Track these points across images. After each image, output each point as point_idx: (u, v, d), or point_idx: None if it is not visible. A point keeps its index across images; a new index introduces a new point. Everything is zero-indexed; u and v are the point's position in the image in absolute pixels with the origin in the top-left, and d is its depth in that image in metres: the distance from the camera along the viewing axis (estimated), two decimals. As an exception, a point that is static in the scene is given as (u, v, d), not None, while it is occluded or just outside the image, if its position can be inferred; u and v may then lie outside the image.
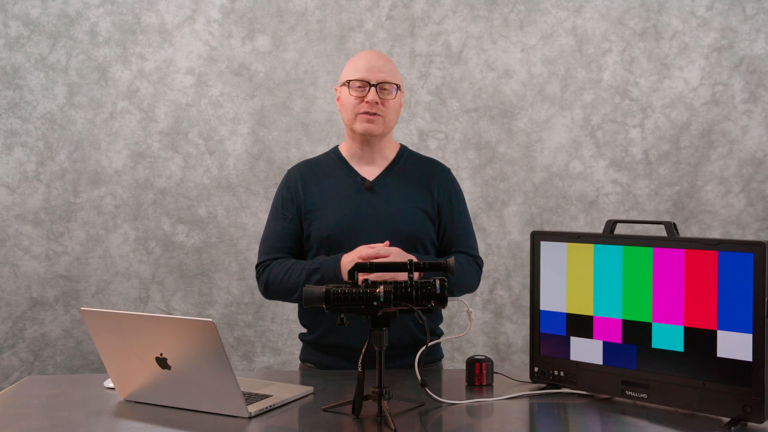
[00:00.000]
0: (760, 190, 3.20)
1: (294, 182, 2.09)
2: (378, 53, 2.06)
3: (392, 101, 2.02)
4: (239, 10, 3.15)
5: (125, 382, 1.69)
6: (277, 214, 2.08)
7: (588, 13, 3.19)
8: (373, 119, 2.00)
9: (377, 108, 1.99)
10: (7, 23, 3.09)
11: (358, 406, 1.56)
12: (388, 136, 2.10)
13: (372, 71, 2.00)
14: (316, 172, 2.10)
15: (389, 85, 2.00)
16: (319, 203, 2.03)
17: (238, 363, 3.19)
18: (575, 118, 3.21)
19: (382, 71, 2.00)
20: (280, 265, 2.00)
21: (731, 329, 1.53)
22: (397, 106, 2.06)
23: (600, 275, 1.71)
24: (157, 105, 3.15)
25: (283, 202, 2.08)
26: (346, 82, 2.02)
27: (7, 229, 3.11)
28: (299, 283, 1.93)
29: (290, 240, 2.05)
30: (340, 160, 2.10)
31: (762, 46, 3.18)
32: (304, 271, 1.94)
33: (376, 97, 1.99)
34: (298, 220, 2.05)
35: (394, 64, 2.06)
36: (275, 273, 2.00)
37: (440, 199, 2.07)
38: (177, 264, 3.17)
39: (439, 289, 1.55)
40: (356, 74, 2.00)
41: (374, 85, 1.99)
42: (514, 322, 3.24)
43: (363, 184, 2.04)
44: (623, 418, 1.59)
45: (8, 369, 3.12)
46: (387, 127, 2.04)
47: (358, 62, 2.03)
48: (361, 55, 2.05)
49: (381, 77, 2.00)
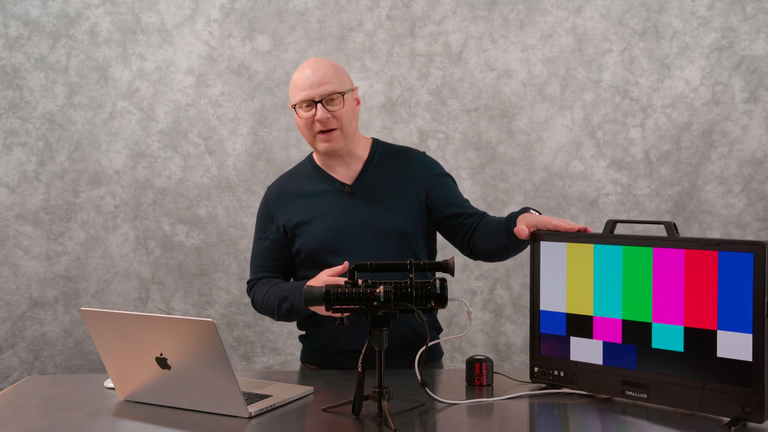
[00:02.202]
0: (760, 190, 3.20)
1: (273, 201, 2.07)
2: (315, 62, 1.97)
3: (342, 110, 1.95)
4: (239, 10, 3.15)
5: (125, 382, 1.69)
6: (260, 234, 2.09)
7: (588, 13, 3.19)
8: (331, 136, 1.95)
9: (330, 123, 1.94)
10: (7, 23, 3.09)
11: (358, 406, 1.56)
12: (356, 136, 2.05)
13: (312, 87, 1.92)
14: (293, 185, 2.07)
15: (335, 94, 1.93)
16: (303, 217, 2.01)
17: (238, 363, 3.19)
18: (575, 118, 3.21)
19: (322, 83, 1.92)
20: (262, 287, 2.02)
21: (731, 329, 1.53)
22: (350, 111, 1.97)
23: (600, 275, 1.71)
24: (157, 105, 3.15)
25: (264, 222, 2.08)
26: (293, 107, 1.97)
27: (7, 229, 3.11)
28: (275, 308, 1.97)
29: (274, 258, 2.06)
30: (316, 169, 2.07)
31: (762, 46, 3.18)
32: (277, 298, 1.96)
33: (325, 113, 1.92)
34: (279, 239, 2.04)
35: (335, 68, 1.97)
36: (258, 296, 2.03)
37: (426, 185, 2.04)
38: (177, 264, 3.17)
39: (439, 289, 1.55)
40: (299, 96, 1.94)
41: (319, 102, 1.92)
42: (514, 322, 3.24)
43: (343, 190, 2.02)
44: (623, 418, 1.59)
45: (8, 369, 3.12)
46: (347, 135, 1.98)
47: (298, 81, 1.95)
48: (299, 72, 1.97)
49: (322, 91, 1.92)
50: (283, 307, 1.94)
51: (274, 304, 1.96)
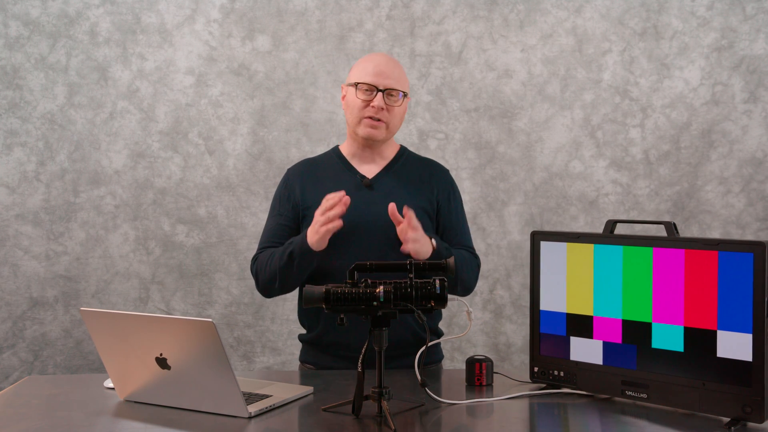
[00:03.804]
0: (760, 190, 3.20)
1: (292, 181, 2.11)
2: (388, 58, 2.05)
3: (398, 108, 2.02)
4: (239, 10, 3.15)
5: (125, 382, 1.69)
6: (274, 211, 2.11)
7: (588, 13, 3.19)
8: (377, 125, 2.00)
9: (382, 114, 1.99)
10: (7, 23, 3.09)
11: (358, 406, 1.56)
12: (390, 138, 2.11)
13: (381, 76, 1.99)
14: (315, 170, 2.11)
15: (396, 91, 2.00)
16: (318, 200, 2.03)
17: (238, 363, 3.19)
18: (575, 118, 3.21)
19: (391, 77, 2.00)
20: (266, 254, 2.03)
21: (731, 329, 1.53)
22: (402, 112, 2.05)
23: (600, 275, 1.71)
24: (157, 105, 3.15)
25: (280, 200, 2.11)
26: (354, 84, 2.01)
27: (7, 229, 3.11)
28: (278, 263, 1.95)
29: (283, 236, 2.06)
30: (340, 159, 2.11)
31: (762, 46, 3.18)
32: (279, 251, 1.96)
33: (382, 102, 1.98)
34: (293, 218, 2.07)
35: (403, 71, 2.06)
36: (261, 261, 2.02)
37: (439, 197, 2.08)
38: (177, 264, 3.17)
39: (439, 289, 1.55)
40: (365, 77, 2.00)
41: (381, 91, 1.98)
42: (514, 322, 3.24)
43: (362, 182, 2.05)
44: (623, 418, 1.59)
45: (8, 369, 3.12)
46: (390, 133, 2.05)
47: (368, 65, 2.01)
48: (371, 58, 2.04)
49: (389, 83, 1.99)
50: (285, 252, 1.93)
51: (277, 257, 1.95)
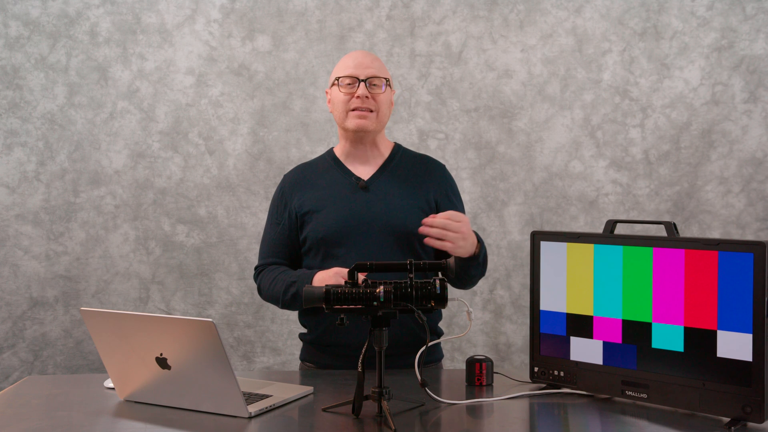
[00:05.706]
0: (760, 190, 3.20)
1: (288, 188, 2.11)
2: (365, 51, 2.09)
3: (382, 96, 2.03)
4: (239, 10, 3.15)
5: (125, 382, 1.69)
6: (272, 219, 2.12)
7: (588, 13, 3.19)
8: (366, 115, 2.01)
9: (368, 103, 2.01)
10: (7, 23, 3.09)
11: (358, 406, 1.56)
12: (382, 134, 2.11)
13: (360, 67, 2.02)
14: (310, 175, 2.12)
15: (378, 79, 2.02)
16: (314, 206, 2.05)
17: (238, 363, 3.19)
18: (575, 118, 3.21)
19: (371, 66, 2.02)
20: (270, 273, 2.05)
21: (731, 329, 1.53)
22: (387, 101, 2.06)
23: (600, 275, 1.71)
24: (157, 105, 3.15)
25: (276, 208, 2.12)
26: (336, 80, 2.04)
27: (7, 229, 3.11)
28: (280, 293, 1.99)
29: (283, 245, 2.08)
30: (335, 162, 2.11)
31: (762, 46, 3.18)
32: (285, 283, 1.99)
33: (366, 91, 2.00)
34: (290, 226, 2.07)
35: (381, 62, 2.08)
36: (265, 281, 2.06)
37: (437, 195, 2.07)
38: (177, 264, 3.17)
39: (439, 289, 1.55)
40: (345, 71, 2.02)
41: (363, 80, 2.00)
42: (514, 322, 3.24)
43: (358, 184, 2.05)
44: (623, 418, 1.59)
45: (8, 369, 3.12)
46: (380, 122, 2.05)
47: (347, 60, 2.05)
48: (348, 54, 2.08)
49: (369, 72, 2.01)
50: (289, 293, 1.97)
51: (281, 289, 1.99)
